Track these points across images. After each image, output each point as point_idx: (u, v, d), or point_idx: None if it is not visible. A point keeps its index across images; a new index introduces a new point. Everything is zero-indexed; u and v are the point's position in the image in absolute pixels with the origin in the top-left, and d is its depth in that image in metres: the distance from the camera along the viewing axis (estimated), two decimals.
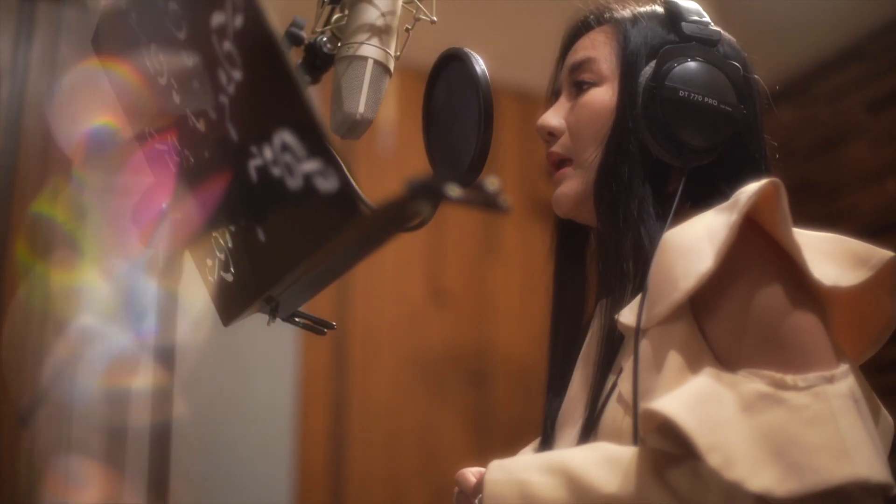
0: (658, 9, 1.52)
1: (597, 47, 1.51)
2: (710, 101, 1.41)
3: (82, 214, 3.68)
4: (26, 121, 3.74)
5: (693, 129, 1.40)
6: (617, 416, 1.31)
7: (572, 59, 1.53)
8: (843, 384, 1.20)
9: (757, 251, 1.27)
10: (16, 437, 3.37)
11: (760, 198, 1.24)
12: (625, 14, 1.52)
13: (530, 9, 3.57)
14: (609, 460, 1.22)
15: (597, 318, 1.49)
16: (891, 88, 3.96)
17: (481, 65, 1.38)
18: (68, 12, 3.88)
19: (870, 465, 1.14)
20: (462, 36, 1.49)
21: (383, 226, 1.07)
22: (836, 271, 1.28)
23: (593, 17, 1.55)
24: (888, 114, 3.95)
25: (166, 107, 1.27)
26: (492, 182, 0.94)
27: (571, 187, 1.49)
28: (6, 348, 3.44)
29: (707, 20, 1.48)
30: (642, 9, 1.52)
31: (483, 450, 1.44)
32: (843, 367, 1.22)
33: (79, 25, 3.87)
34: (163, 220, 1.25)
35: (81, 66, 3.83)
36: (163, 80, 1.26)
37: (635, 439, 1.25)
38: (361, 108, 1.39)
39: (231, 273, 1.29)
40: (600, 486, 1.19)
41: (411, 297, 4.25)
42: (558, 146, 1.51)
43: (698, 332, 1.28)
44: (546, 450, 1.48)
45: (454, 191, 0.93)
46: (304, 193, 1.03)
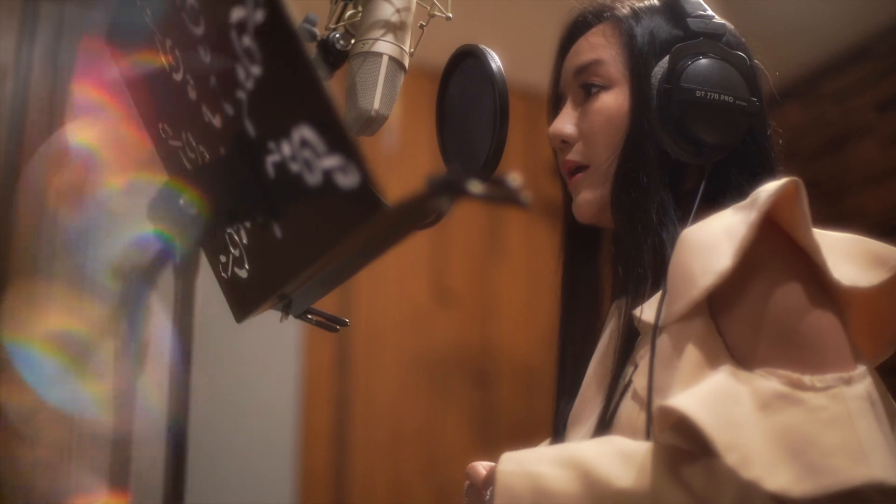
0: (655, 2, 1.51)
1: (600, 48, 1.50)
2: (727, 98, 1.40)
3: (90, 212, 3.68)
4: (29, 119, 3.74)
5: (712, 127, 1.40)
6: (632, 412, 1.30)
7: (575, 61, 1.52)
8: (860, 386, 1.20)
9: (776, 250, 1.27)
10: (16, 436, 3.36)
11: (780, 197, 1.24)
12: (624, 11, 1.50)
13: (533, 8, 3.57)
14: (622, 455, 1.21)
15: (613, 317, 1.48)
16: None
17: (497, 61, 1.38)
18: (71, 10, 3.87)
19: (886, 467, 1.14)
20: (464, 35, 1.48)
21: (402, 223, 1.06)
22: (855, 271, 1.28)
23: (591, 16, 1.54)
24: None
25: (181, 103, 1.26)
26: (514, 177, 0.94)
27: (593, 194, 1.48)
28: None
29: (711, 13, 1.48)
30: (641, 4, 1.51)
31: (486, 450, 1.45)
32: (861, 369, 1.22)
33: (82, 23, 3.86)
34: (178, 217, 1.24)
35: (85, 63, 3.84)
36: (178, 76, 1.25)
37: (648, 435, 1.25)
38: (376, 104, 1.38)
39: (245, 269, 1.28)
40: (614, 481, 1.18)
41: (415, 296, 4.24)
42: (574, 154, 1.49)
43: (715, 329, 1.27)
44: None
45: (476, 186, 0.92)
46: (324, 189, 1.02)
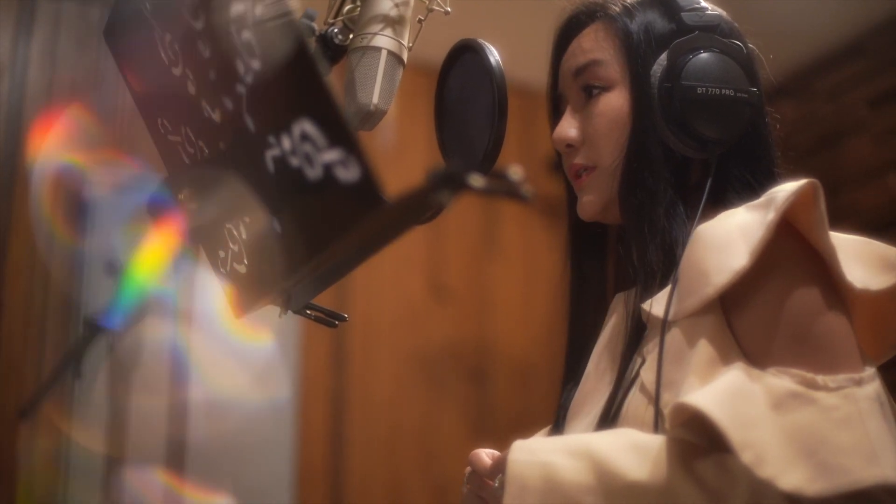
0: None
1: (597, 48, 1.49)
2: (727, 91, 1.41)
3: (87, 208, 3.67)
4: (26, 115, 3.74)
5: (715, 122, 1.40)
6: (640, 406, 1.30)
7: (573, 63, 1.51)
8: (870, 387, 1.21)
9: (791, 251, 1.28)
10: (15, 431, 3.36)
11: (798, 198, 1.25)
12: (616, 9, 1.50)
13: (530, 5, 3.56)
14: (635, 447, 1.21)
15: (616, 309, 1.48)
16: (892, 84, 3.96)
17: (496, 56, 1.38)
18: (68, 7, 3.87)
19: None
20: (460, 32, 1.48)
21: (402, 217, 1.06)
22: (866, 274, 1.29)
23: (584, 15, 1.53)
24: (889, 110, 3.95)
25: (181, 98, 1.26)
26: (515, 171, 0.94)
27: (597, 195, 1.48)
28: (6, 342, 3.43)
29: (704, 4, 1.48)
30: (633, 0, 1.50)
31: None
32: (870, 370, 1.24)
33: (79, 20, 3.86)
34: (177, 212, 1.24)
35: (82, 59, 3.83)
36: (177, 71, 1.25)
37: (656, 429, 1.25)
38: (375, 98, 1.38)
39: (244, 265, 1.28)
40: (626, 473, 1.18)
41: (411, 293, 4.24)
42: (580, 157, 1.49)
43: (727, 326, 1.28)
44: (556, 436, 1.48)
45: (477, 180, 0.93)
46: (324, 183, 1.02)
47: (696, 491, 1.17)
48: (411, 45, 1.44)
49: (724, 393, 1.17)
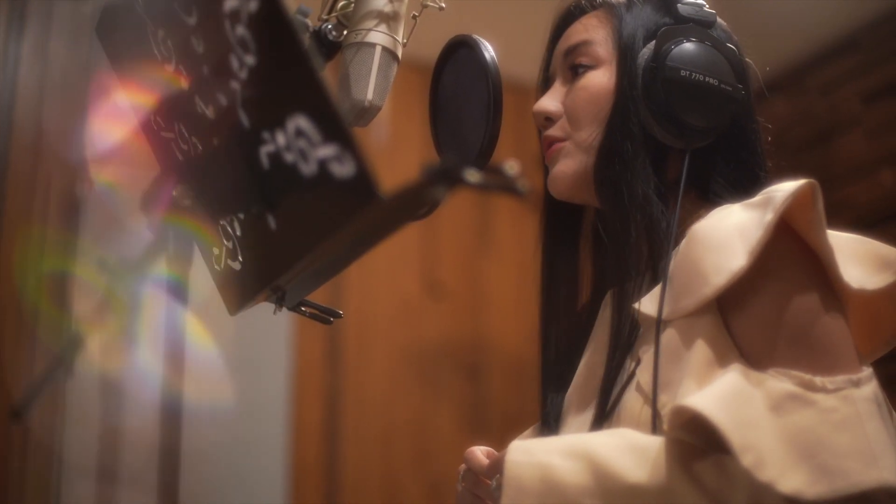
0: None
1: (591, 31, 1.50)
2: (711, 80, 1.41)
3: (80, 207, 3.67)
4: (18, 114, 3.73)
5: (695, 109, 1.40)
6: (635, 406, 1.30)
7: (566, 43, 1.52)
8: (867, 388, 1.21)
9: (789, 252, 1.28)
10: (7, 433, 3.36)
11: (796, 199, 1.24)
12: None
13: (523, 2, 3.56)
14: (634, 448, 1.21)
15: (607, 306, 1.48)
16: (885, 80, 3.96)
17: (490, 51, 1.38)
18: (60, 5, 3.86)
19: (895, 469, 1.15)
20: (454, 29, 1.48)
21: (397, 213, 1.06)
22: (862, 273, 1.29)
23: (586, 2, 1.54)
24: (883, 105, 3.95)
25: (174, 94, 1.26)
26: (511, 166, 0.94)
27: (569, 166, 1.48)
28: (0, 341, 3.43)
29: (702, 1, 1.48)
30: None
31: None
32: (868, 371, 1.23)
33: (71, 18, 3.85)
34: (170, 209, 1.23)
35: (74, 57, 3.82)
36: (171, 67, 1.25)
37: (654, 430, 1.25)
38: (370, 94, 1.38)
39: (239, 261, 1.28)
40: (625, 475, 1.18)
41: (405, 290, 4.24)
42: (555, 129, 1.49)
43: (724, 327, 1.27)
44: (549, 435, 1.47)
45: (473, 175, 0.92)
46: (319, 179, 1.02)
47: (695, 492, 1.17)
48: (405, 41, 1.44)
49: (723, 395, 1.17)
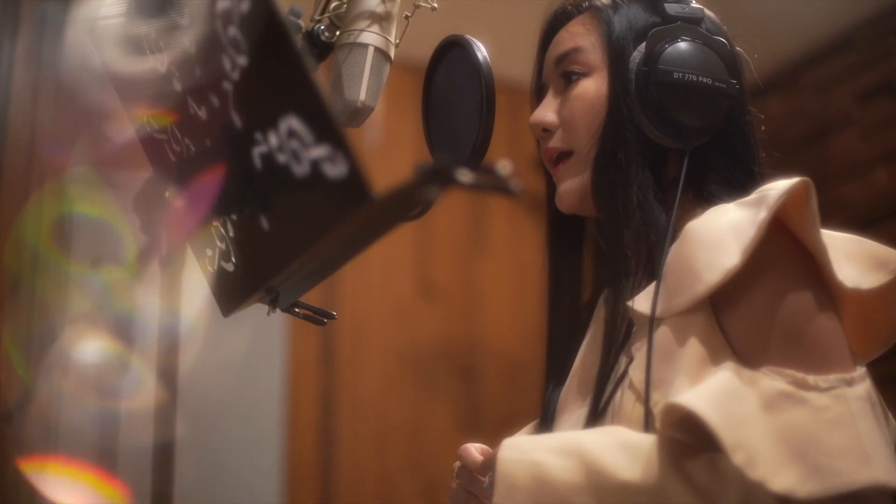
0: None
1: (580, 37, 1.49)
2: (705, 79, 1.40)
3: (73, 209, 3.66)
4: (11, 116, 3.73)
5: (691, 109, 1.40)
6: (627, 404, 1.30)
7: (556, 51, 1.51)
8: (860, 387, 1.21)
9: (783, 251, 1.27)
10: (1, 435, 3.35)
11: (790, 197, 1.24)
12: (604, 1, 1.50)
13: (516, 2, 3.56)
14: (626, 446, 1.21)
15: (601, 306, 1.48)
16: (879, 79, 3.96)
17: (483, 51, 1.38)
18: (53, 7, 3.86)
19: (887, 469, 1.14)
20: (447, 29, 1.48)
21: (390, 213, 1.06)
22: (857, 273, 1.29)
23: (571, 7, 1.53)
24: (877, 104, 3.96)
25: (166, 95, 1.26)
26: (503, 165, 0.93)
27: (575, 182, 1.47)
28: None
29: None
30: None
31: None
32: (861, 370, 1.23)
33: (64, 20, 3.85)
34: (163, 210, 1.24)
35: (67, 60, 3.82)
36: (163, 68, 1.25)
37: (646, 428, 1.25)
38: (362, 95, 1.38)
39: (232, 263, 1.28)
40: (617, 472, 1.18)
41: (400, 291, 4.24)
42: (556, 141, 1.49)
43: (716, 324, 1.27)
44: (543, 433, 1.47)
45: (465, 175, 0.92)
46: (312, 180, 1.01)
47: (687, 491, 1.16)
48: (398, 41, 1.43)
49: (715, 393, 1.17)
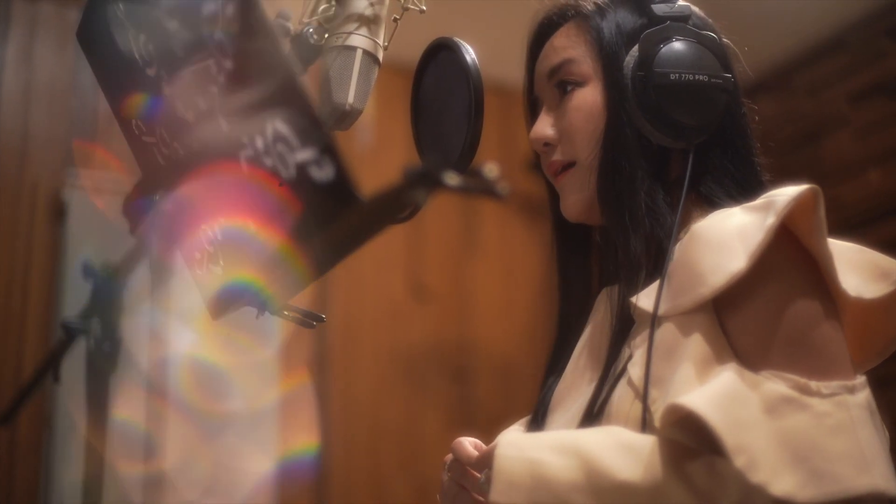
0: None
1: (570, 47, 1.49)
2: (701, 77, 1.40)
3: (65, 211, 3.66)
4: (3, 118, 3.72)
5: (690, 109, 1.40)
6: (625, 401, 1.30)
7: (547, 64, 1.51)
8: (861, 395, 1.22)
9: (789, 257, 1.28)
10: None
11: (798, 204, 1.25)
12: (589, 7, 1.50)
13: (506, 4, 3.56)
14: (625, 446, 1.21)
15: (602, 304, 1.49)
16: (872, 80, 3.97)
17: (472, 54, 1.38)
18: (45, 8, 3.85)
19: (886, 477, 1.16)
20: (437, 32, 1.48)
21: (378, 215, 1.06)
22: (860, 282, 1.30)
23: (557, 16, 1.54)
24: (869, 105, 3.96)
25: (154, 98, 1.26)
26: (490, 168, 0.93)
27: (580, 193, 1.47)
28: None
29: None
30: None
31: None
32: (861, 378, 1.24)
33: (55, 21, 3.84)
34: (152, 213, 1.23)
35: (59, 62, 3.82)
36: (151, 72, 1.25)
37: (643, 425, 1.25)
38: (351, 98, 1.37)
39: (220, 266, 1.27)
40: (616, 472, 1.18)
41: (392, 292, 4.24)
42: (558, 154, 1.49)
43: (719, 326, 1.27)
44: (535, 429, 1.48)
45: (452, 178, 0.92)
46: (298, 183, 1.01)
47: (686, 492, 1.17)
48: (387, 44, 1.43)
49: (718, 395, 1.17)
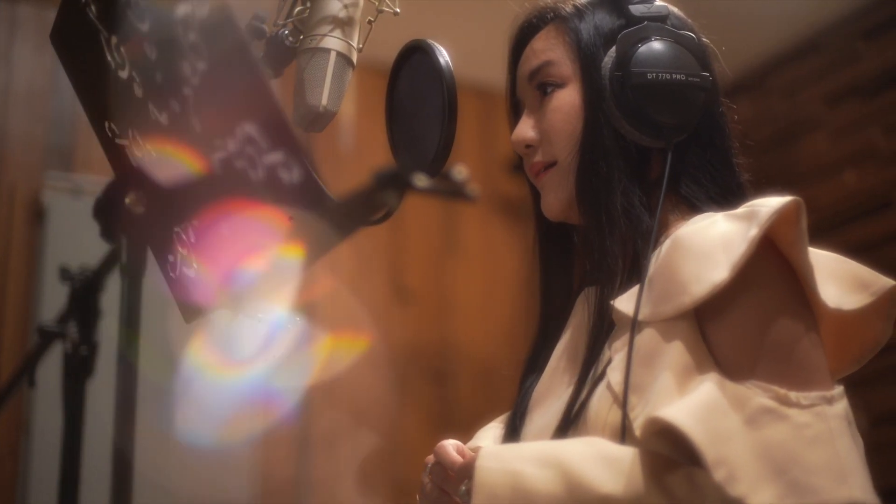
0: None
1: (549, 50, 1.49)
2: (679, 76, 1.41)
3: (43, 214, 3.65)
4: None
5: (668, 107, 1.41)
6: (604, 405, 1.30)
7: (527, 66, 1.52)
8: (839, 406, 1.23)
9: (771, 268, 1.28)
10: None
11: (781, 216, 1.25)
12: (567, 9, 1.50)
13: (488, 5, 3.56)
14: (605, 458, 1.21)
15: (580, 306, 1.49)
16: (848, 81, 3.98)
17: (445, 56, 1.38)
18: (24, 11, 3.84)
19: (864, 488, 1.16)
20: (419, 33, 1.48)
21: (349, 218, 1.06)
22: (839, 293, 1.31)
23: (536, 20, 1.54)
24: (845, 106, 3.98)
25: (128, 100, 1.25)
26: (459, 171, 0.93)
27: (559, 192, 1.47)
28: None
29: None
30: (582, 0, 1.50)
31: None
32: (839, 389, 1.25)
33: (34, 23, 3.83)
34: (125, 215, 1.23)
35: (38, 64, 3.81)
36: (124, 74, 1.25)
37: (623, 432, 1.25)
38: (324, 100, 1.38)
39: (193, 268, 1.27)
40: (596, 485, 1.19)
41: (373, 294, 4.23)
42: (539, 155, 1.49)
43: (700, 335, 1.28)
44: (513, 430, 1.49)
45: (421, 180, 0.92)
46: (268, 186, 1.02)
47: None
48: (361, 46, 1.43)
49: (698, 407, 1.18)
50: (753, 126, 4.08)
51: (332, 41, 1.39)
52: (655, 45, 1.42)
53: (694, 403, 1.19)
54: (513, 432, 1.48)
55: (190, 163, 1.16)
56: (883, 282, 1.34)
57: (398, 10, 1.46)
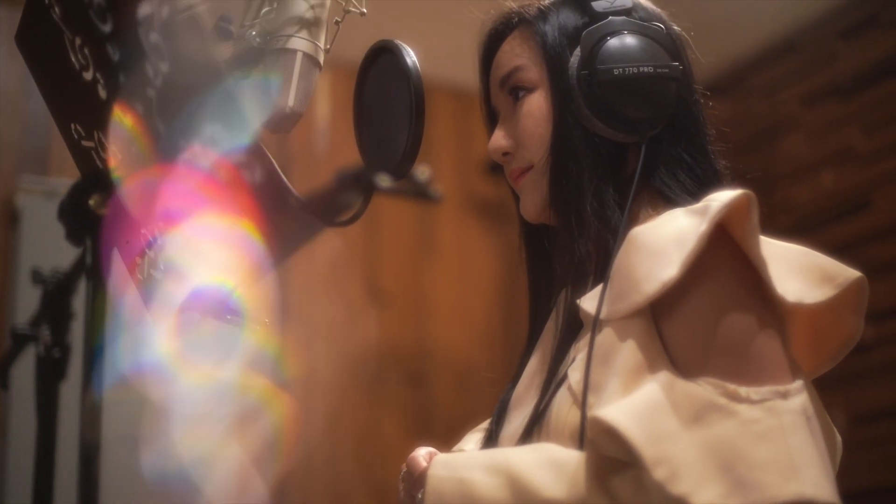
0: None
1: (517, 55, 1.50)
2: (646, 68, 1.40)
3: (17, 217, 3.64)
4: None
5: (639, 101, 1.40)
6: (563, 406, 1.31)
7: (497, 74, 1.52)
8: (796, 400, 1.20)
9: (723, 262, 1.27)
10: None
11: (731, 209, 1.24)
12: (532, 13, 1.50)
13: (464, 5, 3.56)
14: (552, 463, 1.22)
15: (557, 306, 1.49)
16: (826, 82, 4.00)
17: (412, 56, 1.37)
18: (1, 13, 3.83)
19: (816, 483, 1.14)
20: (393, 33, 1.48)
21: (314, 218, 1.05)
22: (802, 286, 1.28)
23: (502, 26, 1.54)
24: (823, 107, 3.99)
25: (92, 103, 1.25)
26: (422, 171, 0.93)
27: (534, 195, 1.48)
28: None
29: None
30: (546, 2, 1.50)
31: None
32: (798, 383, 1.23)
33: (6, 24, 3.82)
34: (90, 217, 1.22)
35: (12, 66, 3.79)
36: (88, 76, 1.24)
37: (581, 433, 1.25)
38: (291, 101, 1.37)
39: (160, 270, 1.27)
40: (542, 490, 1.19)
41: (348, 296, 4.23)
42: (517, 161, 1.49)
43: (655, 331, 1.27)
44: (490, 434, 1.49)
45: (384, 181, 0.92)
46: (231, 186, 1.01)
47: None
48: (328, 46, 1.43)
49: (641, 406, 1.17)
50: (732, 126, 4.08)
51: (299, 42, 1.38)
52: (620, 39, 1.41)
53: (634, 403, 1.18)
54: (490, 437, 1.49)
55: (154, 164, 1.16)
56: (847, 274, 1.31)
57: (364, 10, 1.45)
